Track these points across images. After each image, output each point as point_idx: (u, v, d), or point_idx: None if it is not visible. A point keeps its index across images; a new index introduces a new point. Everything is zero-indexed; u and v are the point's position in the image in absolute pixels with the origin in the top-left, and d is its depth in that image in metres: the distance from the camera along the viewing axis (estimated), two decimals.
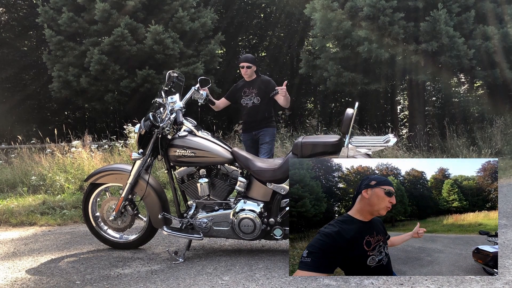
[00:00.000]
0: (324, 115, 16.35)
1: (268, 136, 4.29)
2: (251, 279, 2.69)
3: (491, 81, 9.22)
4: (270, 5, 15.42)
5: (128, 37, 9.68)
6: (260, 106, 4.22)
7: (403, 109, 15.91)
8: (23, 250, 3.59)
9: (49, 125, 14.37)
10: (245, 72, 4.25)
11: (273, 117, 4.42)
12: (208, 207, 3.19)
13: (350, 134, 2.83)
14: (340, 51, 9.43)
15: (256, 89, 4.23)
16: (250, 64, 4.21)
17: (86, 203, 3.42)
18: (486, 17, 8.72)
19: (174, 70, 3.43)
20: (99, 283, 2.74)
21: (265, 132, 4.30)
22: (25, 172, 6.45)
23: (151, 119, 3.12)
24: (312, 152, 2.93)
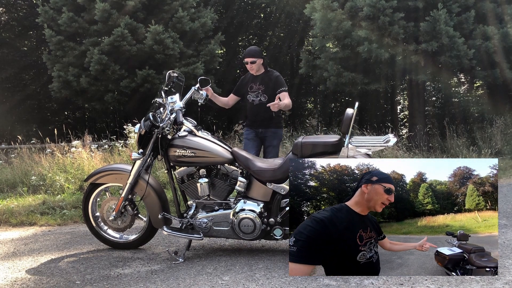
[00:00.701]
0: (324, 115, 16.36)
1: (276, 139, 4.08)
2: (251, 279, 2.69)
3: (491, 81, 9.23)
4: (270, 5, 15.42)
5: (128, 37, 9.69)
6: (266, 109, 3.83)
7: (403, 109, 15.91)
8: (23, 250, 3.59)
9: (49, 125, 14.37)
10: (250, 68, 3.98)
11: (282, 117, 4.17)
12: (208, 207, 3.19)
13: (350, 134, 2.83)
14: (340, 51, 9.43)
15: (263, 86, 3.97)
16: (255, 59, 3.92)
17: (86, 203, 3.42)
18: (486, 17, 8.72)
19: (174, 70, 3.43)
20: (99, 283, 2.74)
21: (274, 135, 4.06)
22: (25, 172, 6.45)
23: (151, 119, 3.12)
24: (312, 152, 2.93)
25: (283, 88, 3.91)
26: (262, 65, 3.99)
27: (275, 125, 4.07)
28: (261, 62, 3.96)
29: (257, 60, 3.93)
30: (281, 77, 4.00)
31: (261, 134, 4.07)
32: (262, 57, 3.98)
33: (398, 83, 12.32)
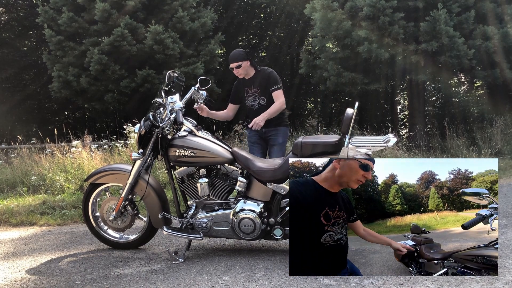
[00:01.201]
0: (324, 115, 16.36)
1: (281, 137, 3.88)
2: (251, 279, 2.69)
3: (491, 81, 9.23)
4: (270, 5, 15.43)
5: (128, 37, 9.68)
6: (267, 107, 3.77)
7: (403, 109, 15.91)
8: (23, 250, 3.59)
9: (49, 125, 14.37)
10: (237, 73, 3.81)
11: (286, 114, 3.98)
12: (208, 207, 3.19)
13: (350, 134, 2.82)
14: (340, 51, 9.43)
15: (258, 88, 3.80)
16: (239, 63, 3.73)
17: (86, 203, 3.42)
18: (486, 17, 8.72)
19: (174, 70, 3.43)
20: (99, 283, 2.74)
21: (277, 132, 3.88)
22: (25, 172, 6.45)
23: (151, 119, 3.12)
24: (312, 152, 2.93)
25: (276, 86, 3.75)
26: (251, 66, 3.80)
27: (278, 123, 3.88)
28: (247, 64, 3.77)
29: (242, 63, 3.74)
30: (273, 74, 3.81)
31: (264, 135, 3.92)
32: (248, 58, 3.78)
33: (398, 83, 12.32)
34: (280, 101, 3.76)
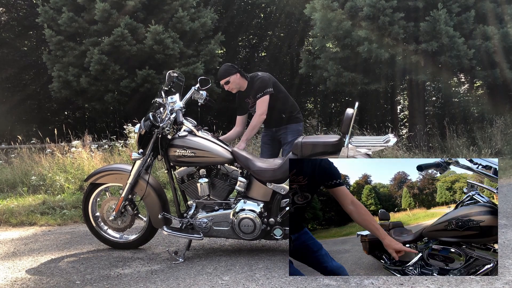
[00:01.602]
0: (324, 115, 16.37)
1: (290, 135, 3.81)
2: (251, 279, 2.69)
3: (491, 81, 9.23)
4: (270, 5, 15.44)
5: (128, 37, 9.69)
6: (270, 116, 3.77)
7: (403, 109, 15.92)
8: (23, 250, 3.59)
9: (49, 125, 14.37)
10: (229, 89, 3.74)
11: (295, 112, 3.86)
12: (208, 207, 3.19)
13: (350, 134, 2.82)
14: (340, 51, 9.44)
15: (253, 98, 3.74)
16: (227, 79, 3.67)
17: (86, 203, 3.42)
18: (486, 17, 8.73)
19: (174, 70, 3.43)
20: (99, 283, 2.74)
21: (286, 130, 3.83)
22: (25, 172, 6.45)
23: (151, 119, 3.12)
24: (312, 152, 2.93)
25: (260, 94, 3.66)
26: (242, 77, 3.71)
27: (287, 121, 3.83)
28: (237, 77, 3.68)
29: (230, 78, 3.66)
30: (260, 80, 3.69)
31: (276, 134, 3.91)
32: (236, 71, 3.68)
33: (398, 83, 12.33)
34: (257, 113, 3.67)
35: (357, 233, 2.53)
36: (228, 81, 3.68)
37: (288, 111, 3.84)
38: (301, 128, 3.92)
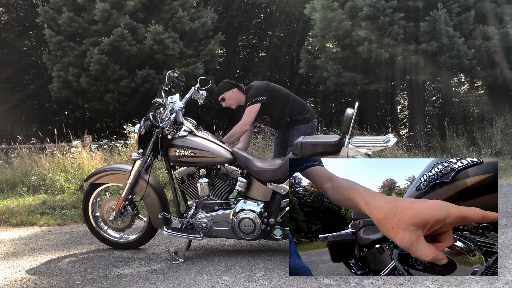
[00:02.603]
0: (324, 115, 16.36)
1: (296, 136, 3.75)
2: (251, 279, 2.69)
3: (491, 81, 9.23)
4: (270, 5, 15.44)
5: (128, 37, 9.69)
6: (274, 121, 3.82)
7: (403, 109, 15.92)
8: (23, 250, 3.59)
9: (49, 125, 14.39)
10: (227, 105, 3.74)
11: (303, 113, 3.81)
12: (208, 207, 3.19)
13: (350, 134, 2.82)
14: (340, 51, 9.44)
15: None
16: (222, 96, 3.68)
17: (86, 203, 3.42)
18: (486, 17, 8.73)
19: (174, 70, 3.43)
20: (99, 283, 2.74)
21: (295, 131, 3.79)
22: (25, 172, 6.45)
23: (151, 119, 3.12)
24: (312, 152, 2.93)
25: (250, 102, 3.63)
26: (239, 91, 3.71)
27: (296, 123, 3.82)
28: (232, 93, 3.68)
29: (225, 94, 3.67)
30: (254, 89, 3.67)
31: (286, 135, 3.91)
32: (233, 86, 3.69)
33: (398, 83, 12.33)
34: (240, 122, 3.63)
35: (319, 236, 2.20)
36: (223, 98, 3.69)
37: (294, 113, 3.80)
38: (309, 130, 3.84)
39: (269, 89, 3.73)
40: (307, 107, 3.92)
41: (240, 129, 3.65)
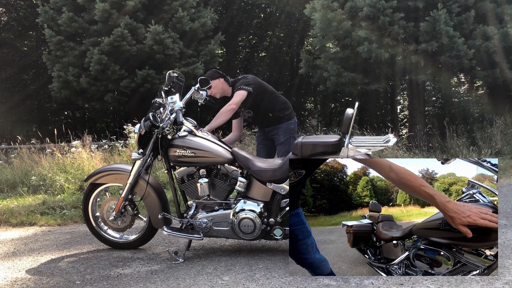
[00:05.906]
0: (324, 115, 16.36)
1: (282, 135, 3.86)
2: (251, 279, 2.69)
3: (491, 81, 9.23)
4: (270, 5, 15.41)
5: (128, 37, 9.68)
6: (257, 116, 3.86)
7: (403, 109, 15.91)
8: (23, 250, 3.59)
9: (49, 125, 14.38)
10: (212, 93, 3.73)
11: (284, 111, 3.88)
12: (208, 207, 3.19)
13: (350, 134, 2.82)
14: (340, 51, 9.44)
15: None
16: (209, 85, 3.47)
17: (86, 203, 3.42)
18: (486, 17, 8.73)
19: (174, 70, 3.43)
20: (99, 283, 2.74)
21: (278, 130, 3.86)
22: (25, 172, 6.45)
23: (151, 119, 3.12)
24: (312, 152, 2.92)
25: (239, 87, 3.66)
26: (225, 82, 3.77)
27: (278, 121, 3.88)
28: (219, 82, 3.73)
29: (212, 82, 3.62)
30: (244, 77, 3.76)
31: (269, 134, 3.98)
32: (218, 76, 3.74)
33: (398, 83, 12.33)
34: (228, 103, 3.62)
35: (342, 222, 2.41)
36: (210, 87, 3.57)
37: (277, 110, 3.86)
38: (293, 127, 3.92)
39: (256, 82, 3.80)
40: (288, 105, 3.98)
41: (227, 108, 3.61)
